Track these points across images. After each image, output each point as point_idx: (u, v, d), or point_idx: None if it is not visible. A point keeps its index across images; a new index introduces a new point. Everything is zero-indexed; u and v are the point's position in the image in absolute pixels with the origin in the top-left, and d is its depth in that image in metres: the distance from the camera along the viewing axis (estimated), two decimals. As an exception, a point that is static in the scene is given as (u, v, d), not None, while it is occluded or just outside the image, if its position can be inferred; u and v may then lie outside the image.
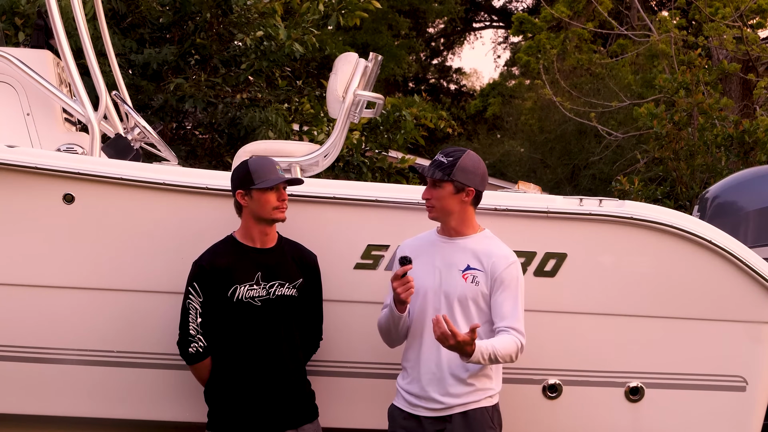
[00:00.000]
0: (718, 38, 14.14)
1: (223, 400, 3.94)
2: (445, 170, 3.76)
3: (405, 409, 3.84)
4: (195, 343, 3.93)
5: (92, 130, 4.53)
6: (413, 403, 3.81)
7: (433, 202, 3.79)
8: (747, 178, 7.39)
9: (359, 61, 5.06)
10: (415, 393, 3.81)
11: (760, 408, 4.41)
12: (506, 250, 3.84)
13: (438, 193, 3.78)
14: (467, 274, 3.78)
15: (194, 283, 3.92)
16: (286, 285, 3.95)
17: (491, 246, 3.83)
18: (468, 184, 3.78)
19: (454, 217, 3.82)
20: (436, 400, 3.76)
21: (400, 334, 3.86)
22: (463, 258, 3.80)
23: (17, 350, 4.18)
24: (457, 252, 3.82)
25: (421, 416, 3.79)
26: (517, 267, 3.83)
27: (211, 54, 9.71)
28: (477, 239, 3.84)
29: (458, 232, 3.84)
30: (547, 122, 20.26)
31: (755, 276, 4.24)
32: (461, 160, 3.77)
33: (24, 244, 4.14)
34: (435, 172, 3.76)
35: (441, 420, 3.77)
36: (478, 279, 3.77)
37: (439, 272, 3.79)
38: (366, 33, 22.34)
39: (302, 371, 4.04)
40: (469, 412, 3.77)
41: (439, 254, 3.82)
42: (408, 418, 3.83)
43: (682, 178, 12.03)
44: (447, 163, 3.77)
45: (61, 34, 4.54)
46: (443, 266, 3.80)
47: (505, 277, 3.77)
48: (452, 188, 3.77)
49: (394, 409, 3.90)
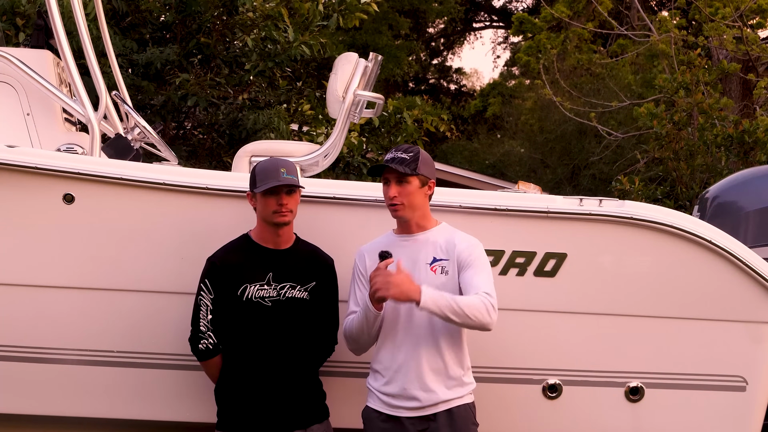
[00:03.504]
0: (718, 38, 14.13)
1: (232, 399, 3.94)
2: (409, 165, 3.76)
3: (383, 411, 3.79)
4: (205, 340, 3.93)
5: (92, 130, 4.53)
6: (392, 404, 3.77)
7: (401, 199, 3.77)
8: (747, 178, 7.39)
9: (359, 61, 5.06)
10: (394, 393, 3.76)
11: (760, 408, 4.41)
12: (468, 237, 3.84)
13: (405, 189, 3.77)
14: (435, 266, 3.77)
15: (206, 280, 3.92)
16: (297, 287, 3.94)
17: (453, 235, 3.83)
18: (430, 176, 3.83)
19: (418, 213, 3.82)
20: (419, 399, 3.73)
21: (373, 336, 3.81)
22: (427, 252, 3.80)
23: (17, 350, 4.18)
24: (420, 247, 3.81)
25: (402, 417, 3.75)
26: (482, 248, 3.81)
27: (215, 54, 9.72)
28: (437, 231, 3.85)
29: (420, 227, 3.84)
30: (547, 122, 20.24)
31: (755, 276, 4.25)
32: (420, 153, 3.80)
33: (24, 244, 4.14)
34: (403, 168, 3.75)
35: (424, 419, 3.74)
36: (446, 268, 3.76)
37: (408, 271, 3.72)
38: (366, 33, 22.33)
39: (313, 372, 4.03)
40: (454, 410, 3.74)
41: (403, 254, 3.77)
42: (387, 420, 3.78)
43: (682, 178, 12.03)
44: (409, 158, 3.77)
45: (61, 34, 4.54)
46: (410, 264, 3.76)
47: (471, 259, 3.75)
48: (418, 182, 3.79)
49: (370, 411, 3.84)
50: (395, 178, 3.77)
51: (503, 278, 4.14)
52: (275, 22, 9.41)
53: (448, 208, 4.16)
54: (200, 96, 9.24)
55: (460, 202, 4.19)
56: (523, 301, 4.19)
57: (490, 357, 4.15)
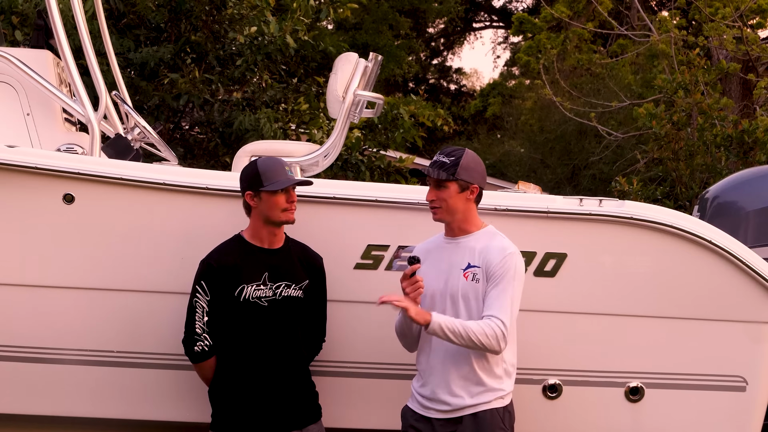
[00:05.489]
0: (718, 38, 14.13)
1: (228, 400, 3.94)
2: (448, 170, 3.77)
3: (417, 411, 3.86)
4: (201, 342, 3.92)
5: (92, 130, 4.53)
6: (425, 405, 3.83)
7: (439, 203, 3.80)
8: (747, 178, 7.39)
9: (359, 61, 5.06)
10: (427, 395, 3.82)
11: (760, 408, 4.41)
12: (503, 243, 3.81)
13: (443, 193, 3.79)
14: (468, 273, 3.79)
15: (201, 282, 3.92)
16: (292, 286, 3.94)
17: (490, 241, 3.83)
18: (472, 181, 3.80)
19: (458, 216, 3.82)
20: (445, 402, 3.78)
21: (414, 336, 3.88)
22: (464, 257, 3.81)
23: (17, 350, 4.18)
24: (459, 251, 3.82)
25: (432, 418, 3.81)
26: (514, 258, 3.78)
27: (206, 51, 9.72)
28: (479, 236, 3.85)
29: (463, 231, 3.85)
30: (547, 122, 20.25)
31: (755, 276, 4.25)
32: (463, 158, 3.79)
33: (24, 244, 4.14)
34: (439, 172, 3.77)
35: (452, 422, 3.79)
36: (478, 276, 3.77)
37: (445, 274, 3.80)
38: (366, 33, 22.35)
39: (307, 372, 4.04)
40: (479, 414, 3.77)
41: (445, 256, 3.83)
42: (420, 420, 3.85)
43: (682, 178, 12.03)
44: (449, 162, 3.78)
45: (61, 34, 4.54)
46: (448, 268, 3.81)
47: (496, 271, 3.74)
48: (457, 187, 3.78)
49: (407, 409, 3.92)
50: (434, 182, 3.80)
51: (503, 278, 4.14)
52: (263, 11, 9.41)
53: (448, 208, 4.16)
54: (193, 94, 9.24)
55: (460, 202, 4.18)
56: (523, 301, 4.17)
57: (490, 357, 4.15)
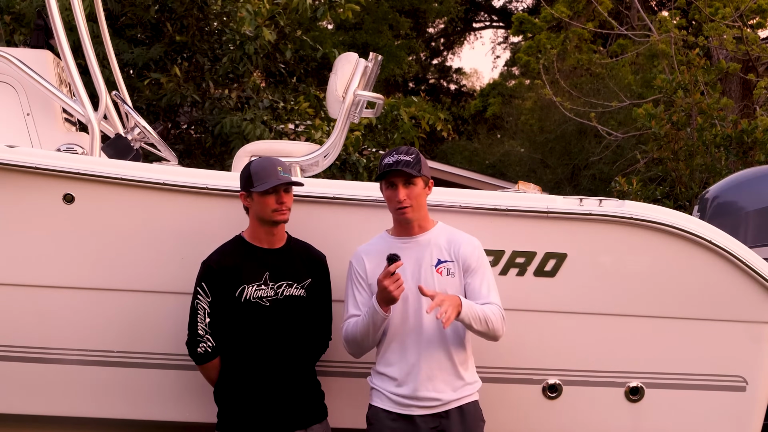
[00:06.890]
0: (718, 38, 14.13)
1: (233, 400, 3.94)
2: (415, 167, 3.77)
3: (394, 411, 3.80)
4: (204, 343, 3.92)
5: (92, 130, 4.53)
6: (405, 404, 3.78)
7: (409, 201, 3.77)
8: (747, 178, 7.39)
9: (359, 61, 5.06)
10: (406, 394, 3.78)
11: (760, 408, 4.41)
12: (470, 238, 3.87)
13: (412, 191, 3.78)
14: (441, 268, 3.78)
15: (202, 283, 3.92)
16: (294, 285, 3.94)
17: (453, 235, 3.85)
18: (430, 177, 3.86)
19: (423, 213, 3.84)
20: (431, 398, 3.76)
21: (377, 339, 3.81)
22: (431, 253, 3.80)
23: (17, 350, 4.19)
24: (421, 249, 3.81)
25: (414, 415, 3.78)
26: (481, 249, 3.87)
27: (193, 50, 9.73)
28: (436, 232, 3.86)
29: (422, 228, 3.85)
30: (547, 122, 20.23)
31: (755, 276, 4.25)
32: (419, 154, 3.82)
33: (24, 244, 4.14)
34: (410, 170, 3.74)
35: (436, 416, 3.77)
36: (452, 270, 3.78)
37: (410, 273, 3.75)
38: (366, 33, 22.34)
39: (311, 372, 4.04)
40: (464, 407, 3.79)
41: (406, 256, 3.74)
42: (397, 419, 3.79)
43: (682, 178, 12.02)
44: (412, 160, 3.77)
45: (61, 34, 4.54)
46: (416, 266, 3.77)
47: (472, 263, 3.80)
48: (422, 183, 3.81)
49: (379, 410, 3.84)
50: (402, 180, 3.76)
51: (503, 278, 4.14)
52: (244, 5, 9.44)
53: (448, 208, 4.16)
54: (177, 93, 9.24)
55: (460, 202, 4.19)
56: (523, 301, 4.19)
57: (491, 357, 4.15)
